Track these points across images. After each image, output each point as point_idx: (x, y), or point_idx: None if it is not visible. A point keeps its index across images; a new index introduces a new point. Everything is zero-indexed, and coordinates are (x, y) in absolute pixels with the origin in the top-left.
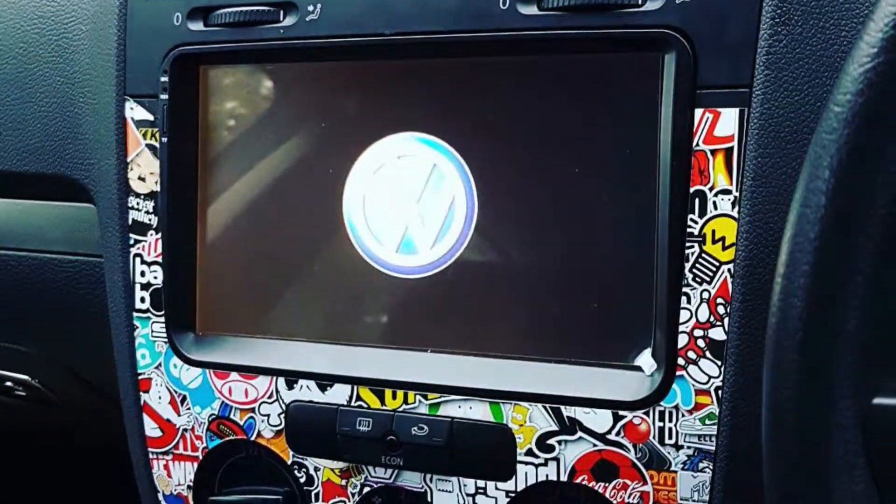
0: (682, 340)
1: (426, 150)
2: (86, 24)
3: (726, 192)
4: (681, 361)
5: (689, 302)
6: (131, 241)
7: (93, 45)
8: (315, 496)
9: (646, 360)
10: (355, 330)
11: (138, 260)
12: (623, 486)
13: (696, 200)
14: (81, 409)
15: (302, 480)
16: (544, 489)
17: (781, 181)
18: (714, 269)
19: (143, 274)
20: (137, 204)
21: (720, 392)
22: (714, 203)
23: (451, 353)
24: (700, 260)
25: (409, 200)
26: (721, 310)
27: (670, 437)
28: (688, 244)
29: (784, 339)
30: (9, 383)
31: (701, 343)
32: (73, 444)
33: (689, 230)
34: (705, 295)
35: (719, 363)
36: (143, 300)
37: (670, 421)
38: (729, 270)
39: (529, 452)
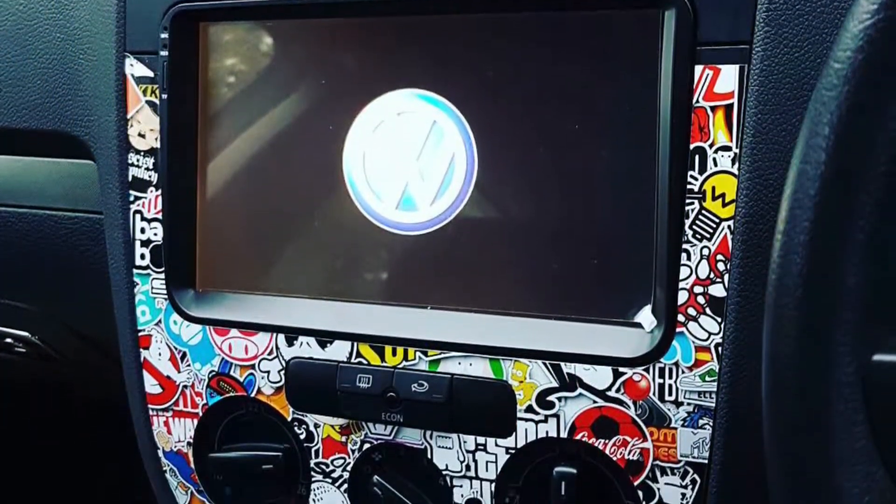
0: (682, 297)
1: (426, 106)
2: None
3: (726, 148)
4: (681, 318)
5: (689, 258)
6: (131, 198)
7: (93, 0)
8: (315, 453)
9: (646, 316)
10: (355, 286)
11: (138, 216)
12: (623, 443)
13: (696, 157)
14: (81, 366)
15: (302, 437)
16: (544, 445)
17: (781, 138)
18: (714, 225)
19: (143, 230)
20: (137, 160)
21: (720, 349)
22: (714, 160)
23: (451, 310)
24: (700, 216)
25: (409, 157)
26: (721, 266)
27: (670, 394)
28: (688, 201)
29: (784, 295)
30: (9, 340)
31: (701, 300)
32: (73, 401)
33: (689, 187)
34: (705, 251)
35: (719, 320)
36: (143, 257)
37: (670, 378)
38: (729, 227)
39: (529, 409)
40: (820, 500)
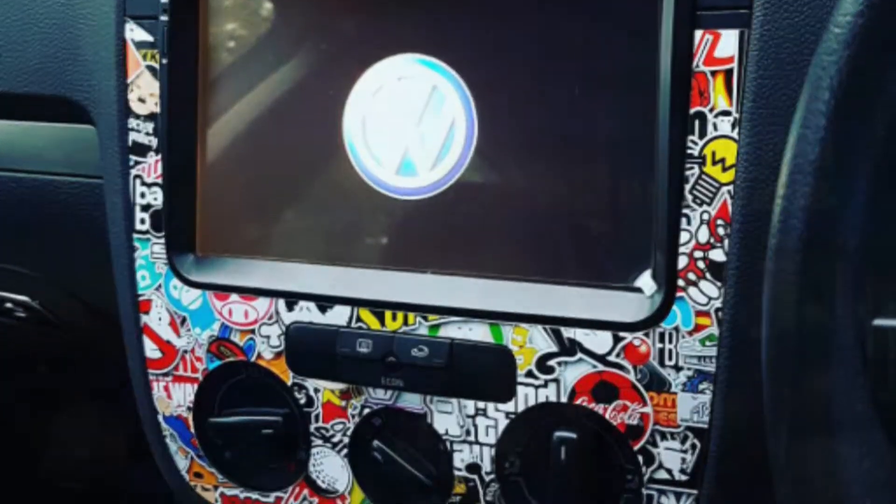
0: (682, 262)
1: (426, 71)
2: None
3: (726, 113)
4: (681, 283)
5: (688, 223)
6: (131, 163)
7: None
8: (315, 417)
9: (646, 281)
10: (355, 251)
11: (138, 181)
12: (623, 408)
13: (696, 122)
14: (82, 331)
15: (302, 402)
16: (544, 410)
17: (782, 102)
18: (714, 190)
19: (143, 195)
20: (137, 125)
21: (720, 313)
22: (714, 124)
23: (451, 275)
24: (700, 181)
25: (409, 122)
26: (721, 231)
27: (670, 359)
28: (688, 165)
29: (784, 260)
30: (9, 304)
31: (701, 264)
32: (73, 366)
33: (688, 151)
34: (705, 216)
35: (719, 284)
36: (143, 221)
37: (670, 342)
38: (729, 192)
39: (529, 374)
40: (819, 464)
